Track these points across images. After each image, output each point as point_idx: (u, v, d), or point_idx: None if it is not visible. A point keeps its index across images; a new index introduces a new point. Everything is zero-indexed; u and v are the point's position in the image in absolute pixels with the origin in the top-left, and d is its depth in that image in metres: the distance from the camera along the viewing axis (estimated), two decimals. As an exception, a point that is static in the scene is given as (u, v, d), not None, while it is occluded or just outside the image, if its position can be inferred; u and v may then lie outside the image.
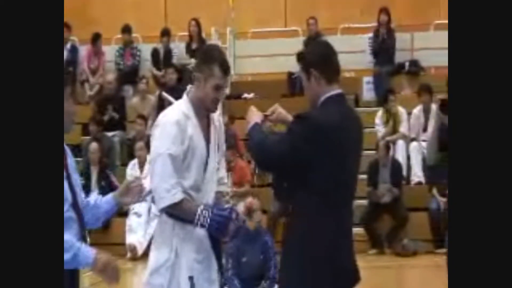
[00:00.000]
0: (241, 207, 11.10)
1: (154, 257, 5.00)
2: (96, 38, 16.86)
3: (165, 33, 16.78)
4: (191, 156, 4.91)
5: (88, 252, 3.95)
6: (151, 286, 5.00)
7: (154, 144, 4.93)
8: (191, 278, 4.92)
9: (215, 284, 5.07)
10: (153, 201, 5.09)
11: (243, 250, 8.55)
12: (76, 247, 3.91)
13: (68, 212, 4.06)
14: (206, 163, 4.99)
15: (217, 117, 5.22)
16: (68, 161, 4.15)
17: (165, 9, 18.47)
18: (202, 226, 4.84)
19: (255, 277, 8.47)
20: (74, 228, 4.10)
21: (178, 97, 5.23)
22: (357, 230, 13.32)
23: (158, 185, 4.85)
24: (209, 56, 5.03)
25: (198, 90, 5.00)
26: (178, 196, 4.84)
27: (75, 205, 4.13)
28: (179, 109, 5.00)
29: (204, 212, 4.82)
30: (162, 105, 15.16)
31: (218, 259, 5.09)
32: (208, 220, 4.81)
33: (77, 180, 4.23)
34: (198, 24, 16.65)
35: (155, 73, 16.75)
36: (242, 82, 17.06)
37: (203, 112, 5.04)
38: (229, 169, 13.18)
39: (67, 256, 3.84)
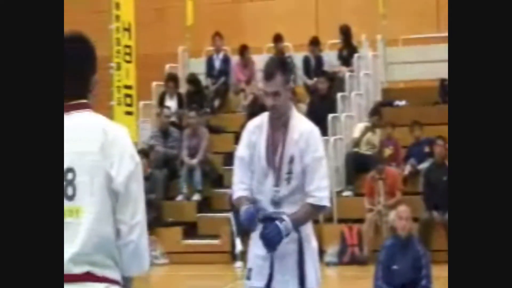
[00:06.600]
0: (392, 216, 11.01)
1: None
2: (243, 50, 17.09)
3: (314, 41, 16.81)
4: (257, 160, 5.19)
5: None
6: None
7: None
8: (249, 270, 5.22)
9: (264, 279, 5.12)
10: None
11: (394, 258, 8.48)
12: None
13: None
14: (269, 171, 5.13)
15: (300, 130, 5.16)
16: None
17: (316, 17, 18.51)
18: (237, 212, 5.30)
19: (406, 285, 8.38)
20: None
21: (328, 104, 5.27)
22: None
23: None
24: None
25: None
26: (237, 194, 5.23)
27: None
28: (260, 117, 5.29)
29: (245, 204, 5.12)
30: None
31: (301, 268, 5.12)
32: (242, 210, 5.11)
33: None
34: (348, 32, 16.60)
35: (306, 81, 16.81)
36: (393, 89, 16.92)
37: (279, 122, 5.16)
38: (380, 179, 13.16)
39: None
